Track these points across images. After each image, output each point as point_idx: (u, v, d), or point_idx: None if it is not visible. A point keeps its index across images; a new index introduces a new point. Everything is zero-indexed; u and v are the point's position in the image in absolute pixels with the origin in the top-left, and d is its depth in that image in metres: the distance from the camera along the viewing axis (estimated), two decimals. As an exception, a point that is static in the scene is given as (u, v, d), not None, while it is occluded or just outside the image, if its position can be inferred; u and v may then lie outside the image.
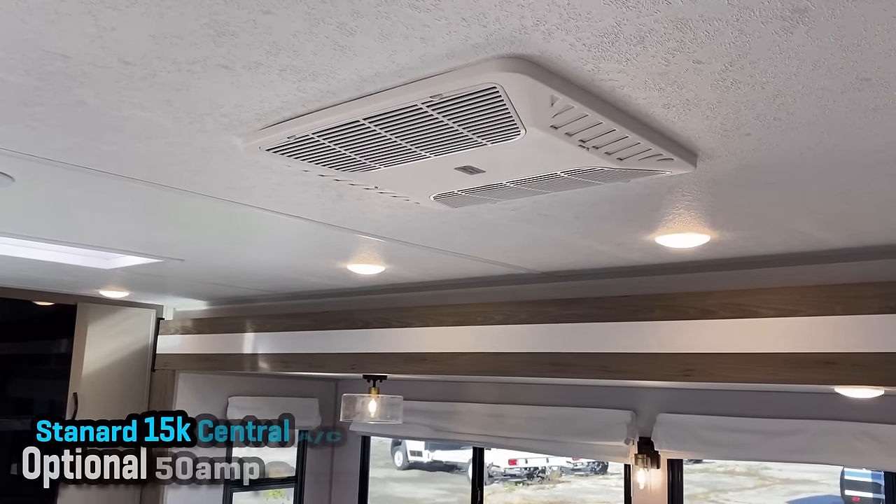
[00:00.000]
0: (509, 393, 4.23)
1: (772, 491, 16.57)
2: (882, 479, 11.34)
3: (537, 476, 17.35)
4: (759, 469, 19.28)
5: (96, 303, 4.20)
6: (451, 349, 3.10)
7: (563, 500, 15.64)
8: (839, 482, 13.00)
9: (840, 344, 2.14)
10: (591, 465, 18.41)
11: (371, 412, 3.72)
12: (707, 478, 17.23)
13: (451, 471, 17.58)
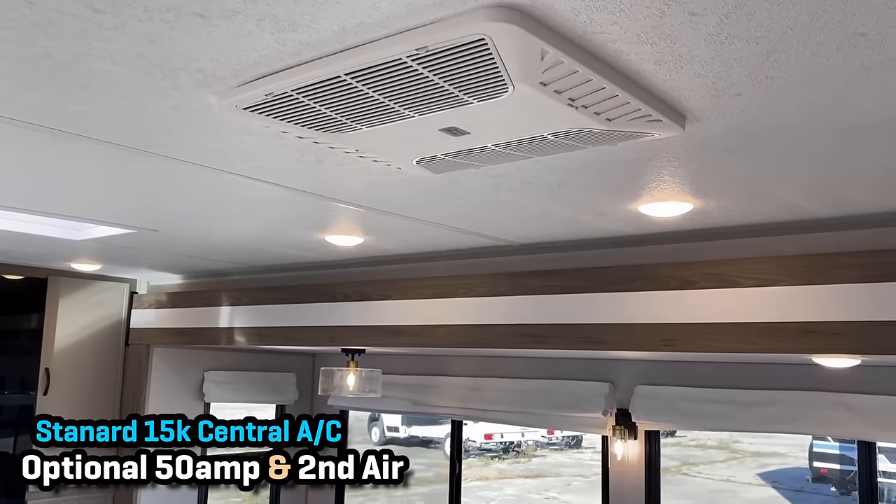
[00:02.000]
0: (488, 366, 4.23)
1: (742, 464, 16.91)
2: (849, 451, 11.59)
3: (513, 450, 17.53)
4: (729, 442, 19.66)
5: (68, 276, 4.10)
6: (431, 322, 3.08)
7: (538, 473, 15.82)
8: (808, 454, 13.31)
9: (819, 313, 2.15)
10: (566, 439, 18.66)
11: (349, 386, 3.70)
12: (679, 451, 17.53)
13: (428, 446, 17.70)
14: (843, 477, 12.24)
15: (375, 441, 18.35)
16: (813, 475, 12.84)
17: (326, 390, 3.70)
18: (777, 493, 14.01)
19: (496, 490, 13.92)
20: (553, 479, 15.02)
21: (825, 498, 13.13)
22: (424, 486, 14.22)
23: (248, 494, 11.68)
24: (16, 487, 3.87)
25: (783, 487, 14.35)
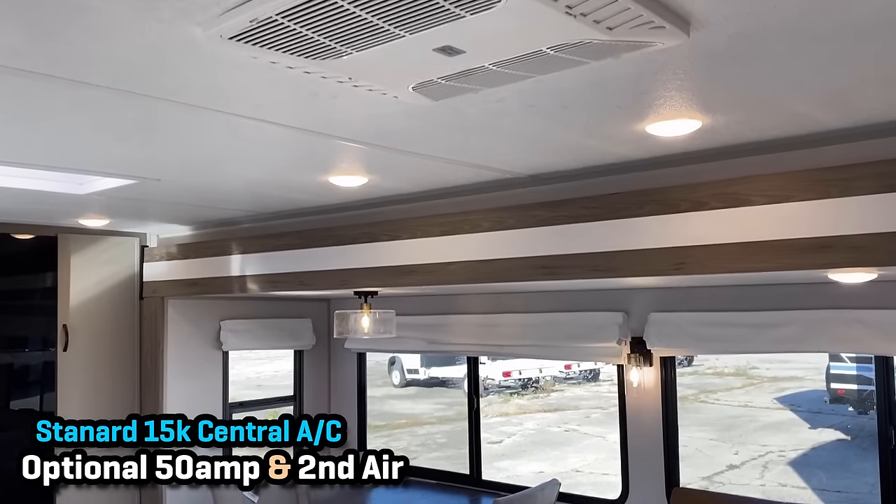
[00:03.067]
0: (501, 303, 4.23)
1: (759, 389, 17.08)
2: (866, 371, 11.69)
3: (531, 386, 17.78)
4: (746, 369, 19.82)
5: (77, 233, 4.11)
6: (441, 259, 3.06)
7: (557, 407, 16.04)
8: (825, 377, 13.40)
9: (836, 227, 2.11)
10: (584, 373, 18.87)
11: (364, 328, 3.72)
12: (696, 380, 17.72)
13: (448, 386, 17.97)
14: (861, 396, 12.35)
15: (396, 384, 18.66)
16: (830, 397, 12.97)
17: (342, 333, 3.72)
18: (795, 415, 14.16)
19: (516, 425, 14.16)
20: (572, 413, 15.25)
21: (842, 418, 13.28)
22: (446, 425, 14.50)
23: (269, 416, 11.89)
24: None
25: (801, 410, 14.50)
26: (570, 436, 13.25)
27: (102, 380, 4.19)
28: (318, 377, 5.16)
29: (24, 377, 4.07)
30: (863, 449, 11.31)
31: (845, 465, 10.55)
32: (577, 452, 11.86)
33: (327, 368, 5.22)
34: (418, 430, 14.12)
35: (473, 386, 4.61)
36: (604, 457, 11.39)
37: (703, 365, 20.17)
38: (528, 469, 10.89)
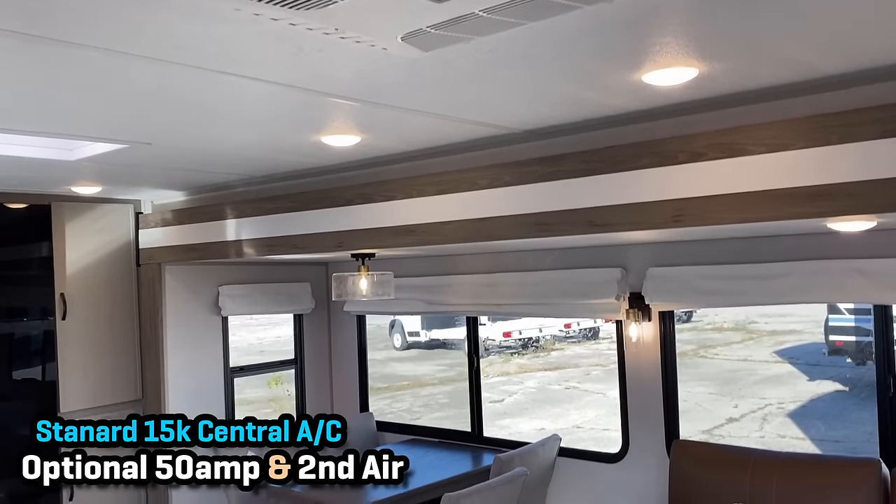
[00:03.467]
0: (500, 262, 4.22)
1: (759, 343, 17.20)
2: (864, 323, 11.76)
3: (531, 346, 17.91)
4: (745, 324, 19.94)
5: (70, 201, 4.08)
6: (437, 219, 3.04)
7: (557, 365, 16.17)
8: (823, 330, 13.49)
9: (835, 175, 2.08)
10: (583, 332, 18.99)
11: (362, 290, 3.71)
12: (696, 335, 17.84)
13: (449, 347, 18.10)
14: (859, 348, 12.45)
15: (398, 346, 18.79)
16: (829, 349, 13.06)
17: (340, 295, 3.72)
18: (794, 368, 14.29)
19: (517, 384, 14.30)
20: (572, 370, 15.38)
21: (840, 370, 13.40)
22: (448, 385, 14.63)
23: (272, 381, 11.87)
24: (49, 412, 3.98)
25: (799, 363, 14.63)
26: (571, 393, 13.38)
27: (103, 347, 4.19)
28: (319, 341, 5.17)
29: (25, 347, 4.07)
30: (861, 399, 11.44)
31: (843, 415, 10.67)
32: (577, 409, 11.99)
33: (327, 332, 5.23)
34: (420, 392, 14.25)
35: (473, 345, 4.62)
36: (604, 413, 11.53)
37: (703, 320, 20.29)
38: (530, 426, 11.02)
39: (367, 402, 5.10)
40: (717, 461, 3.29)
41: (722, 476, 3.23)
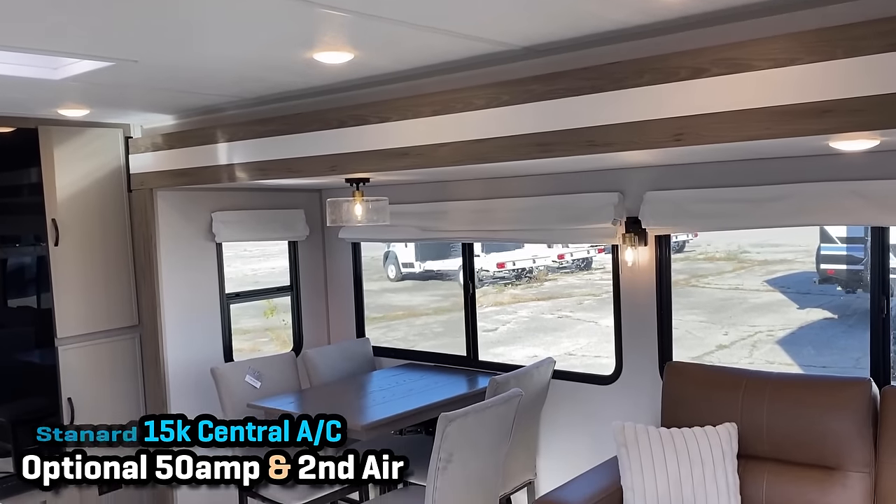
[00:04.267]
0: (496, 188, 4.18)
1: (750, 272, 17.38)
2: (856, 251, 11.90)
3: (525, 277, 18.05)
4: (737, 253, 20.10)
5: (58, 125, 3.99)
6: (433, 141, 2.99)
7: (550, 295, 16.34)
8: (815, 258, 13.60)
9: (839, 90, 2.04)
10: (577, 262, 19.12)
11: (357, 216, 3.68)
12: (688, 265, 17.99)
13: (443, 279, 18.23)
14: (850, 276, 12.58)
15: (392, 277, 18.91)
16: (820, 277, 13.21)
17: (335, 221, 3.69)
18: (784, 296, 14.48)
19: (511, 314, 14.47)
20: (565, 300, 15.55)
21: (830, 298, 13.58)
22: (442, 315, 14.80)
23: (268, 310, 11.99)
24: (44, 339, 4.00)
25: (790, 291, 14.82)
26: (563, 322, 13.57)
27: (97, 273, 4.18)
28: (314, 268, 5.17)
29: (18, 275, 4.06)
30: (848, 326, 11.64)
31: (831, 342, 10.87)
32: (569, 337, 12.18)
33: (322, 259, 5.23)
34: (415, 321, 14.42)
35: (468, 271, 4.63)
36: (596, 340, 11.71)
37: (695, 250, 20.42)
38: (523, 353, 11.20)
39: (363, 327, 5.14)
40: (710, 382, 3.34)
41: (714, 396, 3.29)
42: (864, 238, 12.18)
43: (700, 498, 3.02)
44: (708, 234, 21.30)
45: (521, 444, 3.82)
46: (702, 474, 3.05)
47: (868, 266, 12.03)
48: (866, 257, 11.90)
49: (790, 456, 3.09)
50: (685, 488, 3.03)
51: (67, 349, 4.07)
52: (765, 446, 3.15)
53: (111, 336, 4.26)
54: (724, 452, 3.10)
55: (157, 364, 4.27)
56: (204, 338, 4.45)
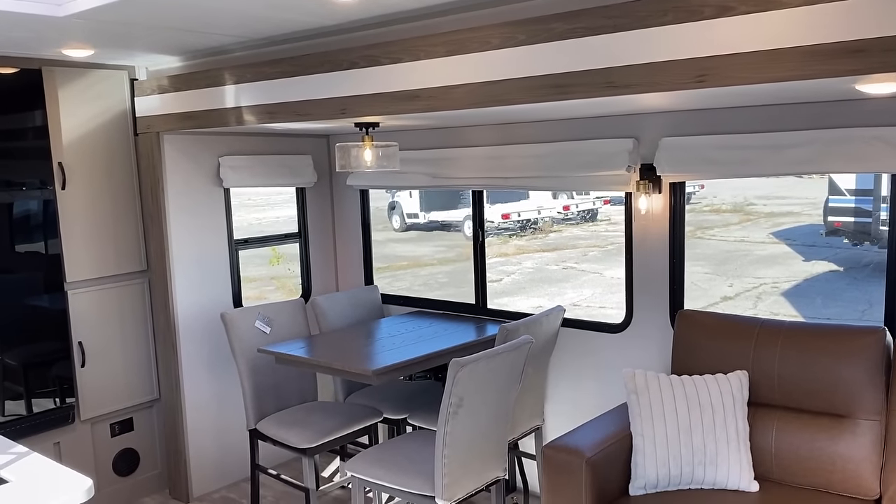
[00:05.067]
0: (508, 134, 4.12)
1: (756, 224, 17.33)
2: (864, 204, 11.83)
3: (530, 228, 18.02)
4: (743, 205, 20.02)
5: (62, 66, 3.91)
6: (446, 82, 2.91)
7: (555, 246, 16.34)
8: (822, 211, 13.54)
9: (872, 29, 1.96)
10: (581, 213, 19.07)
11: (367, 161, 3.63)
12: (694, 217, 17.94)
13: (448, 229, 18.21)
14: (857, 229, 12.53)
15: (396, 228, 18.89)
16: (826, 229, 13.16)
17: (344, 167, 3.64)
18: (790, 249, 14.45)
19: (515, 265, 14.48)
20: (570, 251, 15.55)
21: (836, 251, 13.55)
22: (447, 266, 14.82)
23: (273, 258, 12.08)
24: (53, 283, 3.99)
25: (796, 244, 14.79)
26: (568, 273, 13.58)
27: (105, 217, 4.15)
28: (322, 216, 5.14)
29: (25, 220, 4.02)
30: (854, 279, 11.64)
31: (836, 294, 10.88)
32: (574, 288, 12.20)
33: (330, 207, 5.19)
34: (420, 272, 14.44)
35: (478, 219, 4.59)
36: (600, 291, 11.74)
37: (701, 202, 20.34)
38: (528, 304, 11.25)
39: (371, 275, 5.12)
40: (722, 330, 3.33)
41: (726, 345, 3.28)
42: (872, 190, 12.08)
43: (710, 444, 3.04)
44: (714, 187, 21.18)
45: (530, 390, 3.84)
46: (712, 421, 3.06)
47: (877, 219, 11.96)
48: (876, 210, 11.82)
49: (800, 404, 3.09)
50: (695, 435, 3.05)
51: (77, 294, 4.07)
52: (775, 394, 3.15)
53: (120, 281, 4.26)
54: (734, 400, 3.10)
55: (167, 309, 4.27)
56: (213, 283, 4.45)
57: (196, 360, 4.38)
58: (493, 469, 3.37)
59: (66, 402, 4.07)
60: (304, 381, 4.35)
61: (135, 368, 4.35)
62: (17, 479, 2.14)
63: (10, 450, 2.40)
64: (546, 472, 3.03)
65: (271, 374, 4.14)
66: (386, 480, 3.27)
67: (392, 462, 3.34)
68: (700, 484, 3.05)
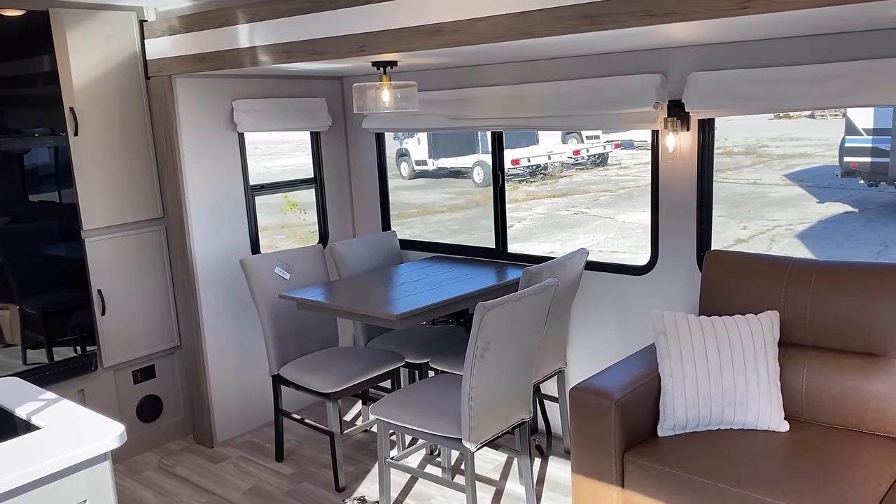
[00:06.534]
0: (529, 72, 3.99)
1: (769, 167, 17.13)
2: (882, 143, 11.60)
3: (539, 173, 17.85)
4: (756, 148, 19.76)
5: (68, 7, 3.79)
6: (468, 15, 2.80)
7: (566, 192, 16.20)
8: (838, 151, 13.32)
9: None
10: (592, 158, 18.87)
11: (385, 101, 3.53)
12: (706, 160, 17.68)
13: (457, 176, 18.07)
14: (874, 169, 12.35)
15: (405, 175, 18.75)
16: (842, 170, 12.97)
17: (361, 108, 3.54)
18: (804, 191, 14.30)
19: (526, 210, 14.38)
20: (581, 196, 15.43)
21: (851, 192, 13.40)
22: (457, 213, 14.73)
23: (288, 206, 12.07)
24: (70, 232, 3.95)
25: (810, 185, 14.62)
26: (579, 218, 13.50)
27: (119, 164, 4.08)
28: (337, 161, 5.05)
29: (38, 169, 3.96)
30: (868, 220, 11.52)
31: (851, 235, 10.78)
32: (585, 233, 12.13)
33: (346, 152, 5.10)
34: (430, 219, 14.38)
35: (499, 162, 4.50)
36: (612, 236, 11.66)
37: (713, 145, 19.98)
38: (540, 250, 11.19)
39: (388, 221, 5.06)
40: (752, 270, 3.27)
41: (756, 284, 3.22)
42: (891, 129, 11.86)
43: (740, 385, 3.01)
44: (726, 129, 20.86)
45: (553, 333, 3.81)
46: (742, 362, 3.03)
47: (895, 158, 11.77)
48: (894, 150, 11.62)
49: (833, 343, 3.05)
50: (725, 376, 3.02)
51: (94, 241, 4.03)
52: (807, 334, 3.11)
53: (137, 228, 4.21)
54: (765, 340, 3.06)
55: (185, 256, 4.23)
56: (230, 230, 4.39)
57: (216, 307, 4.36)
58: (519, 411, 3.36)
59: (87, 350, 4.07)
60: (325, 326, 4.33)
61: (155, 316, 4.34)
62: (49, 426, 2.13)
63: (39, 396, 2.39)
64: (574, 415, 3.01)
65: (292, 320, 4.11)
66: (412, 423, 3.27)
67: (417, 405, 3.34)
68: (729, 424, 3.04)
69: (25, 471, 1.84)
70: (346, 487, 3.87)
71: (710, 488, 2.66)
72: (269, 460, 4.22)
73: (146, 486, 3.98)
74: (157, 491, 3.93)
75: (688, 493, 2.72)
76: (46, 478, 1.90)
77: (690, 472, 2.74)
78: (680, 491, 2.74)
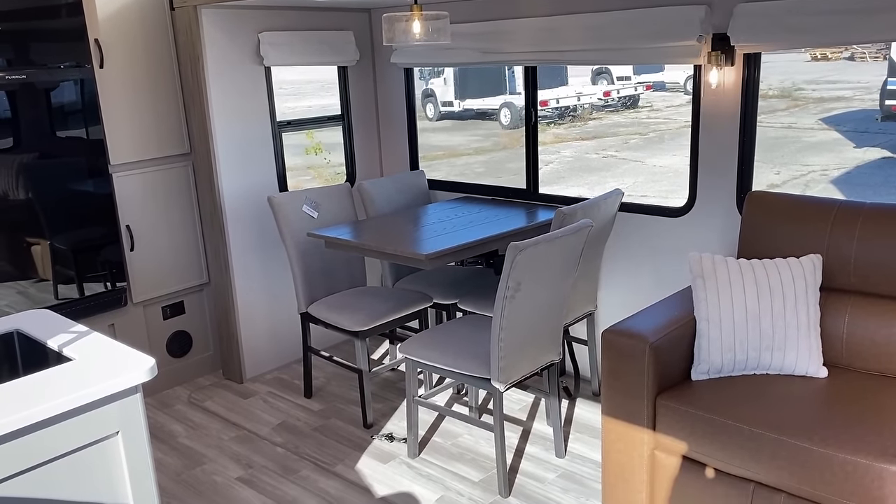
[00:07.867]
0: (565, 3, 3.83)
1: (804, 110, 16.64)
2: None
3: (568, 115, 17.52)
4: (791, 90, 19.18)
5: (88, -66, 3.68)
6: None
7: (595, 134, 15.91)
8: (879, 94, 12.86)
9: None
10: (622, 100, 18.46)
11: (416, 33, 3.40)
12: (740, 104, 17.19)
13: (483, 118, 17.81)
14: (917, 113, 11.91)
15: (431, 117, 18.52)
16: (883, 114, 12.55)
17: (391, 40, 3.41)
18: (840, 135, 13.88)
19: (553, 154, 14.16)
20: (610, 139, 15.14)
21: (891, 137, 12.98)
22: (483, 155, 14.55)
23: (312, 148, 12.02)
24: (97, 167, 3.92)
25: (847, 130, 14.18)
26: (608, 161, 13.26)
27: (145, 98, 4.02)
28: (365, 98, 4.94)
29: (65, 106, 3.90)
30: (909, 166, 11.18)
31: (890, 181, 10.49)
32: (614, 177, 11.93)
33: (373, 88, 4.98)
34: (456, 161, 14.22)
35: (531, 100, 4.36)
36: (642, 180, 11.46)
37: (748, 88, 19.40)
38: (567, 193, 11.04)
39: (417, 160, 4.97)
40: (796, 212, 3.15)
41: (799, 227, 3.11)
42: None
43: (778, 330, 2.93)
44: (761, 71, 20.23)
45: (584, 275, 3.74)
46: (782, 306, 2.94)
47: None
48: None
49: (878, 289, 2.95)
50: (763, 320, 2.94)
51: (122, 176, 4.00)
52: (850, 279, 3.01)
53: (165, 164, 4.17)
54: (806, 284, 2.96)
55: (213, 192, 4.19)
56: (258, 167, 4.34)
57: (244, 244, 4.34)
58: (548, 353, 3.32)
59: (116, 285, 4.09)
60: (353, 266, 4.30)
61: (183, 252, 4.33)
62: (80, 358, 2.12)
63: (70, 329, 2.38)
64: (607, 357, 2.96)
65: (320, 258, 4.09)
66: (440, 363, 3.25)
67: (446, 345, 3.31)
68: (766, 369, 2.97)
69: (59, 401, 1.84)
70: (374, 424, 3.90)
71: (745, 433, 2.61)
72: (297, 396, 4.25)
73: (177, 420, 4.04)
74: (188, 424, 3.99)
75: (721, 438, 2.68)
76: (80, 408, 1.90)
77: (725, 416, 2.69)
78: (713, 435, 2.70)
